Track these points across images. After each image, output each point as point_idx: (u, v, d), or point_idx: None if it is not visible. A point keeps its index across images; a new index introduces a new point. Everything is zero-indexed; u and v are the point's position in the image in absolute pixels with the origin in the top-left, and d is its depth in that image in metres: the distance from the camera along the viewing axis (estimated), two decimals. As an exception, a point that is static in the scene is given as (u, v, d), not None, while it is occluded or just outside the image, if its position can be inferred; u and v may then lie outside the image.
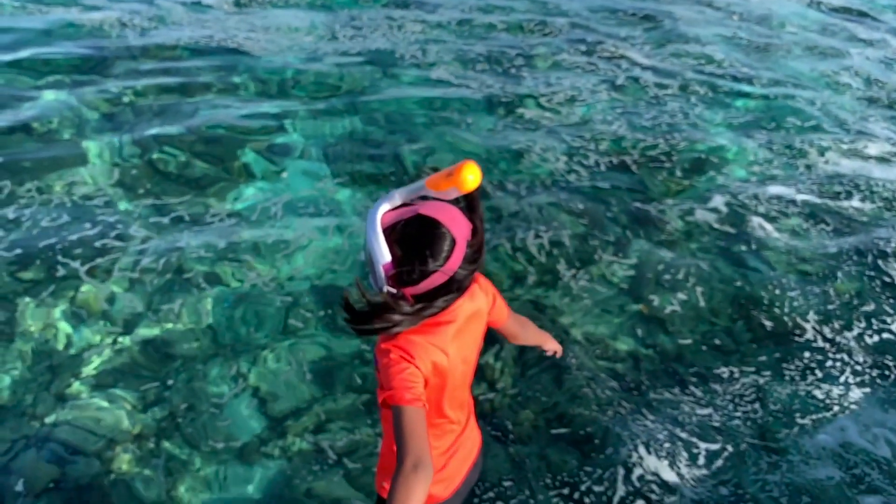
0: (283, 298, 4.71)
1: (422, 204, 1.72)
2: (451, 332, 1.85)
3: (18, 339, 4.36)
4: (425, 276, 1.68)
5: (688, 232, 5.53)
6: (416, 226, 1.67)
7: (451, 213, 1.71)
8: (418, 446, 1.62)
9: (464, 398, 2.09)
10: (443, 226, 1.68)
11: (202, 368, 4.23)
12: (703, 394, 4.22)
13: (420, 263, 1.66)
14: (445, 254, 1.67)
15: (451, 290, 1.72)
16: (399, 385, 1.71)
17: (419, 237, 1.66)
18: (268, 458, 3.77)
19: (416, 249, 1.66)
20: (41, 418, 3.89)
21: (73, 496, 3.54)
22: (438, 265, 1.67)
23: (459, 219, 1.72)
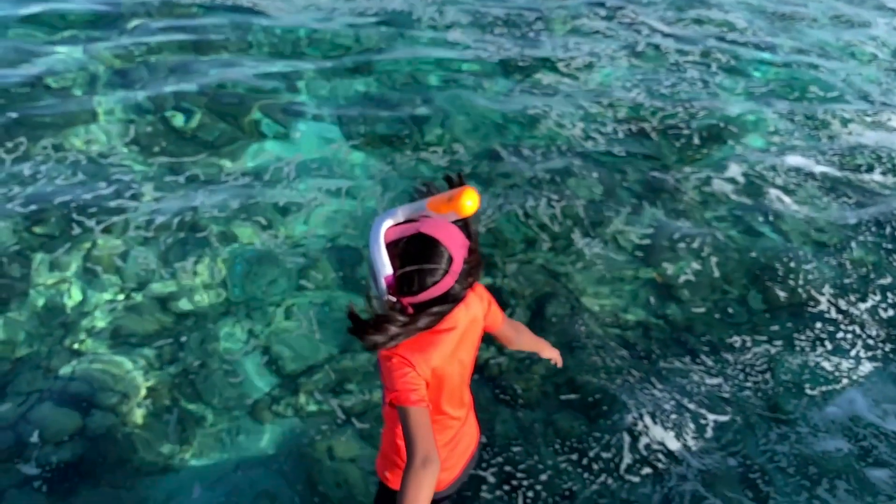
0: (295, 259, 4.68)
1: (423, 222, 1.82)
2: (453, 339, 1.98)
3: (33, 294, 4.37)
4: (424, 289, 1.81)
5: (704, 201, 5.43)
6: (417, 243, 1.79)
7: (450, 232, 1.82)
8: (426, 444, 1.76)
9: (463, 396, 2.20)
10: (442, 245, 1.80)
11: (215, 326, 4.24)
12: (713, 363, 4.17)
13: (419, 278, 1.79)
14: (443, 270, 1.80)
15: (447, 301, 1.85)
16: (403, 387, 1.84)
17: (419, 254, 1.78)
18: (279, 416, 3.78)
19: (417, 265, 1.78)
20: (56, 372, 3.91)
21: (88, 449, 3.57)
22: (436, 280, 1.80)
23: (458, 237, 1.84)
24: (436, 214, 1.81)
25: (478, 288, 2.15)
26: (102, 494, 3.40)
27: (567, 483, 3.45)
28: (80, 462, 3.52)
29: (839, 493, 3.43)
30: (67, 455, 3.54)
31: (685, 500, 3.38)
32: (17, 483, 3.41)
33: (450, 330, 1.96)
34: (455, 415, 2.16)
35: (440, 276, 1.80)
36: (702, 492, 3.40)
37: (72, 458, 3.53)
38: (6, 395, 3.77)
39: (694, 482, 3.44)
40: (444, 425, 2.14)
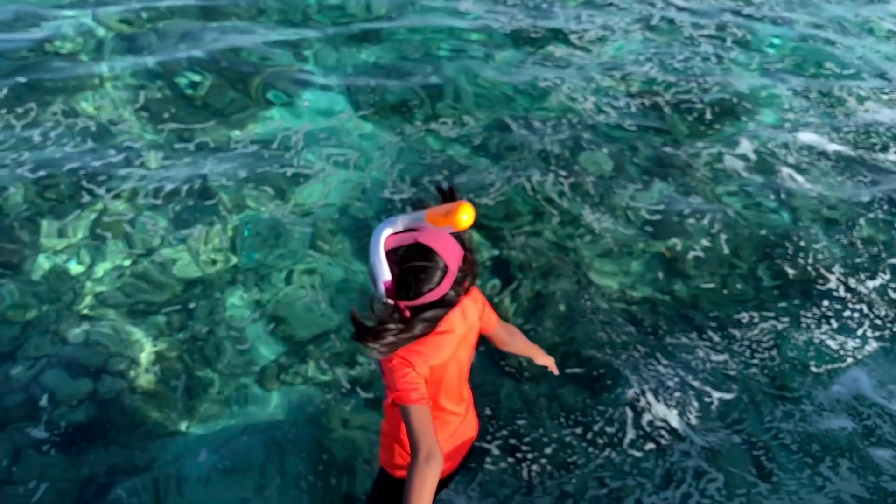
0: (304, 227, 4.65)
1: (421, 232, 1.92)
2: (450, 340, 2.09)
3: (42, 259, 4.35)
4: (420, 294, 1.90)
5: (715, 177, 5.34)
6: (415, 252, 1.89)
7: (446, 242, 1.92)
8: (428, 440, 1.89)
9: (462, 392, 2.30)
10: (438, 254, 1.90)
11: (222, 294, 4.22)
12: (720, 339, 4.13)
13: (416, 284, 1.89)
14: (438, 278, 1.90)
15: (442, 306, 1.95)
16: (404, 387, 1.96)
17: (417, 262, 1.89)
18: (286, 383, 3.78)
19: (414, 273, 1.89)
20: (65, 337, 3.90)
21: (98, 412, 3.59)
22: (431, 287, 1.90)
23: (453, 247, 1.94)
24: (433, 227, 1.89)
25: (473, 291, 2.23)
26: (113, 455, 3.42)
27: (571, 457, 3.44)
28: (90, 425, 3.54)
29: (842, 471, 3.41)
30: (78, 418, 3.55)
31: (688, 475, 3.37)
32: (28, 445, 3.43)
33: (447, 332, 2.08)
34: (454, 410, 2.27)
35: (436, 283, 1.90)
36: (704, 467, 3.39)
37: (82, 421, 3.54)
38: (16, 359, 3.78)
39: (697, 459, 3.43)
40: (444, 420, 2.24)
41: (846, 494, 3.28)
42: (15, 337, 3.92)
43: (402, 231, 1.94)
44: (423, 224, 1.90)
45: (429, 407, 1.97)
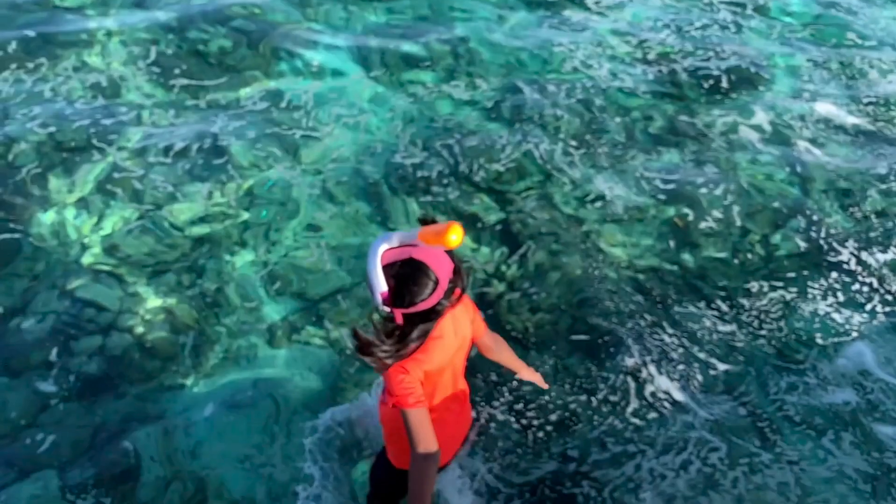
0: (313, 188, 4.57)
1: (414, 248, 2.06)
2: (442, 346, 2.23)
3: (52, 214, 4.30)
4: (413, 304, 2.05)
5: (729, 147, 5.19)
6: (409, 267, 2.04)
7: (437, 258, 2.06)
8: (426, 439, 2.13)
9: (456, 392, 2.45)
10: (430, 269, 2.04)
11: (231, 251, 4.17)
12: (728, 309, 4.04)
13: (410, 295, 2.04)
14: (430, 290, 2.04)
15: (433, 314, 2.10)
16: (402, 392, 2.14)
17: (411, 276, 2.03)
18: (293, 341, 3.75)
19: (408, 285, 2.03)
20: (73, 292, 3.87)
21: (107, 367, 3.58)
22: (424, 298, 2.04)
23: (445, 262, 2.08)
24: (425, 244, 2.04)
25: (465, 300, 2.38)
26: (124, 405, 3.44)
27: (575, 423, 3.40)
28: (102, 377, 3.54)
29: (844, 445, 3.36)
30: (90, 370, 3.56)
31: (689, 443, 3.33)
32: (42, 395, 3.45)
33: (439, 338, 2.21)
34: (449, 408, 2.42)
35: (428, 295, 2.05)
36: (707, 437, 3.35)
37: (94, 373, 3.55)
38: (25, 313, 3.76)
39: (700, 429, 3.38)
40: (440, 418, 2.34)
41: (849, 469, 3.23)
42: (24, 290, 3.90)
43: (398, 247, 2.09)
44: (416, 241, 2.06)
45: (426, 409, 2.18)
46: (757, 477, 3.15)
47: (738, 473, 3.17)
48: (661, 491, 3.14)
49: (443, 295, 2.07)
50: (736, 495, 3.08)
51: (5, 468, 3.18)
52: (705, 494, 3.08)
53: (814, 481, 3.16)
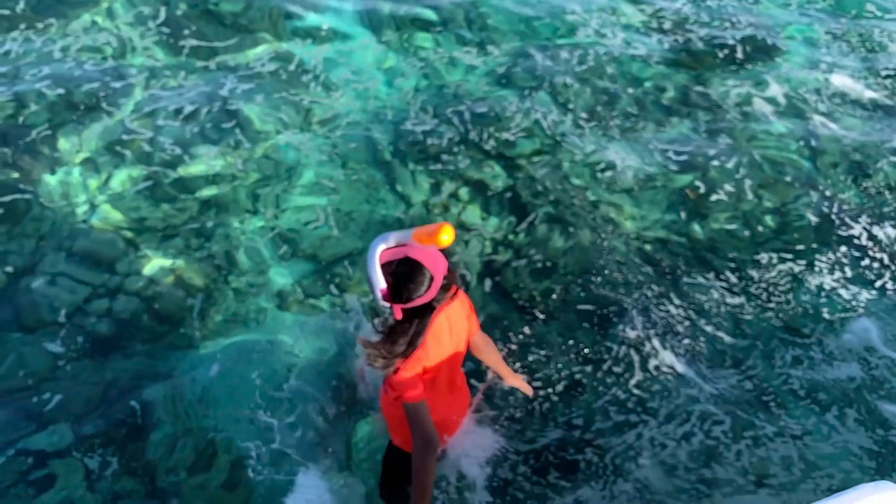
0: (322, 154, 4.48)
1: (410, 248, 2.19)
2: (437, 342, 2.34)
3: (60, 174, 4.24)
4: (410, 299, 2.18)
5: (743, 119, 5.04)
6: (406, 265, 2.17)
7: (432, 256, 2.20)
8: (426, 429, 2.31)
9: (455, 382, 2.57)
10: (425, 267, 2.17)
11: (240, 214, 4.10)
12: (737, 280, 3.95)
13: (407, 291, 2.17)
14: (426, 287, 2.18)
15: (428, 311, 2.23)
16: (402, 388, 2.28)
17: (407, 274, 2.17)
18: (300, 304, 3.71)
19: (405, 282, 2.17)
20: (80, 254, 3.83)
21: (116, 327, 3.56)
22: (420, 294, 2.18)
23: (439, 260, 2.21)
24: (419, 244, 2.18)
25: (462, 296, 2.47)
26: (134, 364, 3.43)
27: (581, 394, 3.35)
28: (110, 338, 3.52)
29: (849, 422, 3.29)
30: (99, 330, 3.54)
31: (693, 416, 3.28)
32: (51, 354, 3.43)
33: (436, 335, 2.33)
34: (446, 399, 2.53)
35: (424, 291, 2.18)
36: (711, 409, 3.29)
37: (102, 334, 3.53)
38: (34, 274, 3.73)
39: (705, 403, 3.32)
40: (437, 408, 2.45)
41: (853, 445, 3.17)
42: (31, 252, 3.85)
43: (395, 247, 2.22)
44: (411, 241, 2.19)
45: (425, 402, 2.31)
46: (761, 451, 3.10)
47: (741, 447, 3.12)
48: (662, 460, 3.10)
49: (438, 290, 2.20)
50: (739, 468, 3.04)
51: (23, 420, 3.21)
52: (708, 467, 3.04)
53: (818, 457, 3.11)
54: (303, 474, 3.03)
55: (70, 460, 3.09)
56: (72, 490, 3.01)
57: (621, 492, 3.02)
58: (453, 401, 2.60)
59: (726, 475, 3.02)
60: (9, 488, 3.00)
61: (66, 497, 2.99)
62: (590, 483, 3.04)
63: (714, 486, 2.99)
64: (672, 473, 3.07)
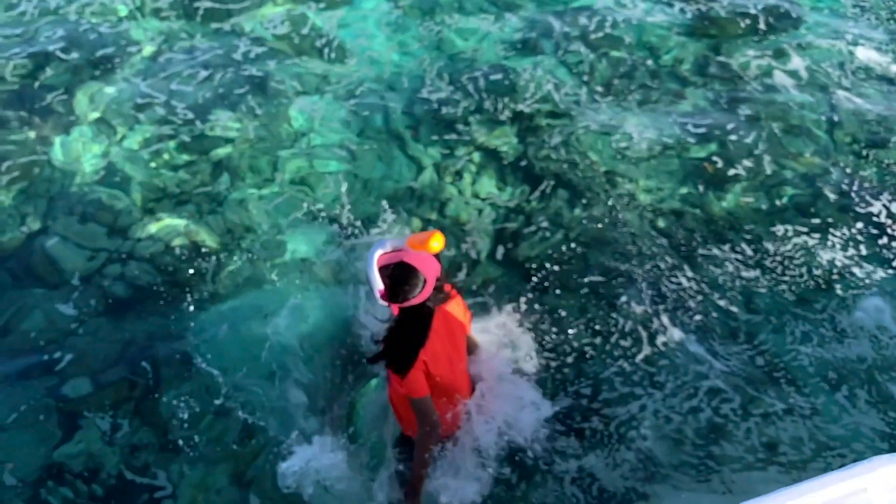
0: (336, 121, 4.34)
1: (405, 253, 2.37)
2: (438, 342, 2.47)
3: (74, 134, 4.14)
4: (406, 300, 2.33)
5: (763, 92, 4.80)
6: (401, 269, 2.34)
7: (425, 261, 2.36)
8: (430, 418, 2.49)
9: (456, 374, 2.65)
10: (419, 270, 2.33)
11: (253, 179, 4.01)
12: (752, 253, 3.79)
13: (402, 293, 2.34)
14: (419, 288, 2.34)
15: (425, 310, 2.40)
16: (407, 387, 2.44)
17: (402, 276, 2.33)
18: (313, 268, 3.64)
19: (400, 284, 2.33)
20: (93, 215, 3.77)
21: (132, 291, 3.52)
22: (415, 294, 2.33)
23: (432, 264, 2.38)
24: (412, 250, 2.36)
25: (458, 299, 2.63)
26: (150, 324, 3.41)
27: (590, 366, 3.26)
28: (123, 299, 3.49)
29: (859, 403, 3.16)
30: (112, 292, 3.50)
31: (700, 391, 3.18)
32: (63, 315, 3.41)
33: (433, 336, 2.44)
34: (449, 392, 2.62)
35: (418, 292, 2.33)
36: (720, 385, 3.18)
37: (116, 296, 3.49)
38: (48, 234, 3.68)
39: (714, 378, 3.21)
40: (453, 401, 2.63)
41: (865, 427, 3.04)
42: (43, 214, 3.79)
43: (391, 252, 2.39)
44: (405, 247, 2.38)
45: (429, 396, 2.46)
46: (770, 429, 2.99)
47: (750, 424, 3.02)
48: (670, 434, 3.02)
49: (431, 292, 2.35)
50: (749, 445, 2.94)
51: (43, 373, 3.25)
52: (717, 444, 2.95)
53: (829, 437, 3.00)
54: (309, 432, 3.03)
55: (88, 414, 3.12)
56: (90, 443, 3.04)
57: (624, 460, 2.96)
58: (455, 392, 2.69)
59: (735, 452, 2.94)
60: (30, 440, 3.03)
61: (84, 449, 3.03)
62: (597, 451, 2.98)
63: (723, 462, 2.90)
64: (679, 447, 2.99)
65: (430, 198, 3.99)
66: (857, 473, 1.75)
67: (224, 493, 2.89)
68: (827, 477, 1.74)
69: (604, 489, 2.84)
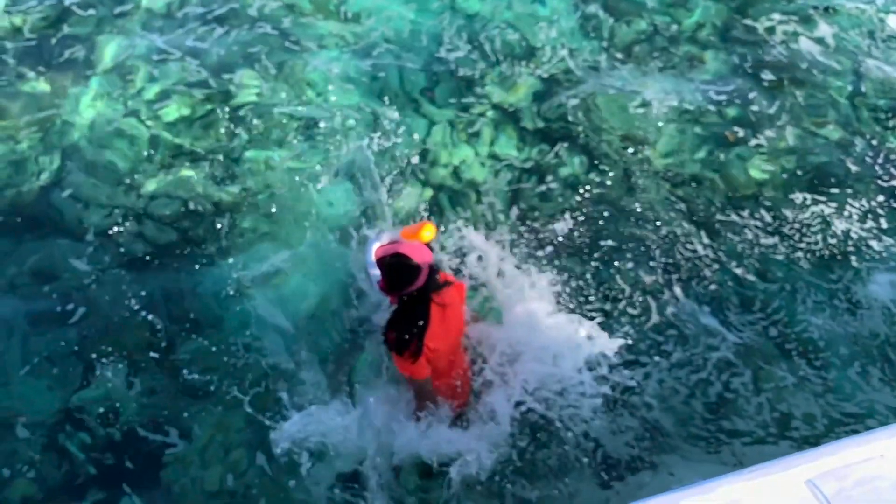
0: (352, 80, 4.16)
1: (399, 244, 2.49)
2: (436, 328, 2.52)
3: (92, 85, 3.99)
4: (403, 287, 2.43)
5: (788, 58, 4.53)
6: (395, 258, 2.44)
7: (418, 250, 2.47)
8: (429, 399, 2.66)
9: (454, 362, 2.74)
10: (413, 260, 2.43)
11: (269, 137, 3.86)
12: (771, 220, 3.64)
13: (399, 282, 2.44)
14: (414, 276, 2.43)
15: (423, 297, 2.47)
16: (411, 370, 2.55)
17: (397, 265, 2.44)
18: (325, 223, 3.55)
19: (396, 273, 2.44)
20: (109, 168, 3.67)
21: (149, 246, 3.46)
22: (411, 282, 2.42)
23: (425, 253, 2.48)
24: (406, 241, 2.49)
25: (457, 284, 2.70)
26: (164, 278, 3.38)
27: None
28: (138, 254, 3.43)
29: (873, 381, 3.03)
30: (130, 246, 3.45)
31: (710, 364, 3.06)
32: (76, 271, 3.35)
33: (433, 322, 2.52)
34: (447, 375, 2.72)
35: (414, 279, 2.42)
36: (731, 359, 3.06)
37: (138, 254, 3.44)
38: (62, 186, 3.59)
39: (724, 350, 3.08)
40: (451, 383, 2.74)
41: (879, 405, 2.92)
42: (58, 169, 3.69)
43: (387, 244, 2.51)
44: (400, 239, 2.51)
45: (430, 377, 2.59)
46: (783, 405, 2.88)
47: (762, 399, 2.91)
48: (675, 406, 2.92)
49: (426, 278, 2.44)
50: (760, 421, 2.84)
51: (63, 321, 3.22)
52: (728, 418, 2.85)
53: (842, 413, 2.88)
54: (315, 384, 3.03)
55: (106, 361, 3.10)
56: (108, 388, 3.04)
57: (630, 427, 2.90)
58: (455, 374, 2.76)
59: (746, 426, 2.84)
60: (47, 386, 3.02)
61: (102, 394, 3.03)
62: (608, 419, 2.91)
63: (733, 436, 2.81)
64: (690, 419, 2.90)
65: (445, 157, 3.86)
66: (876, 439, 1.69)
67: (242, 433, 2.88)
68: (844, 441, 1.69)
69: (613, 457, 2.79)
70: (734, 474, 1.65)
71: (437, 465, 2.70)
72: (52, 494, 2.79)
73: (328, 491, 2.74)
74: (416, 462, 2.74)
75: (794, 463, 1.64)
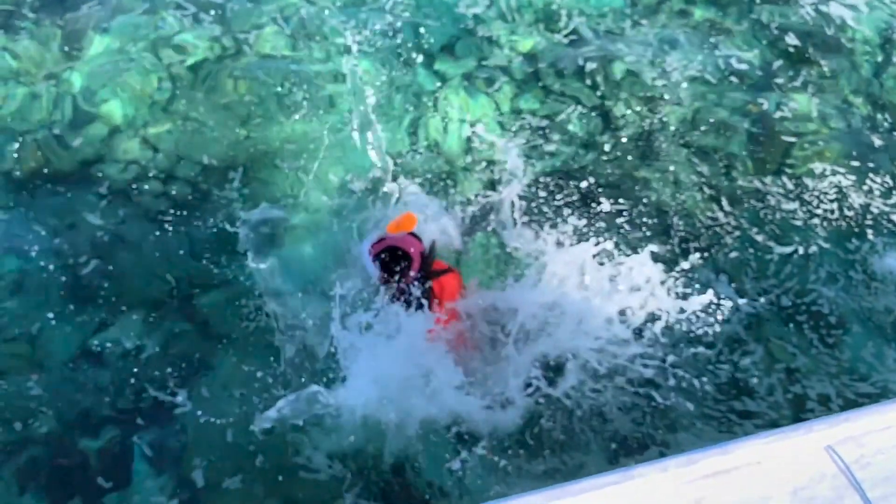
0: (378, 27, 3.89)
1: (388, 238, 2.68)
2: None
3: (116, 27, 3.76)
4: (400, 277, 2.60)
5: (816, 22, 4.14)
6: (388, 252, 2.65)
7: (406, 240, 2.67)
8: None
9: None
10: (403, 249, 2.63)
11: (290, 97, 3.63)
12: (793, 187, 3.43)
13: (395, 272, 2.61)
14: (408, 266, 2.62)
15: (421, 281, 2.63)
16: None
17: (392, 258, 2.63)
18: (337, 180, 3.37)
19: (390, 265, 2.63)
20: (137, 133, 3.46)
21: (174, 205, 3.30)
22: (406, 269, 2.60)
23: (415, 243, 2.68)
24: (393, 234, 2.66)
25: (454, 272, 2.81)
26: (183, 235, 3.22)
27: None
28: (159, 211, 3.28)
29: (888, 361, 2.83)
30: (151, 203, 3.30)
31: (719, 340, 2.85)
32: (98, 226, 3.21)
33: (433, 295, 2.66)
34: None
35: (407, 267, 2.60)
36: (741, 335, 2.87)
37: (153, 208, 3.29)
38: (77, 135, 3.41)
39: (735, 326, 2.87)
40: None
41: (894, 385, 2.74)
42: (71, 120, 3.49)
43: (378, 241, 2.68)
44: (387, 234, 2.67)
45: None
46: (796, 387, 2.71)
47: (773, 381, 2.74)
48: (689, 387, 2.74)
49: (419, 267, 2.61)
50: (772, 402, 2.67)
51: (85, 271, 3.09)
52: (739, 399, 2.68)
53: (857, 395, 2.71)
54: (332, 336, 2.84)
55: (126, 309, 2.99)
56: (129, 330, 2.93)
57: (640, 404, 2.74)
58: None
59: (759, 407, 2.68)
60: (72, 324, 2.93)
61: (122, 335, 2.92)
62: (619, 394, 2.74)
63: (745, 417, 2.65)
64: (703, 400, 2.73)
65: (461, 114, 3.65)
66: None
67: (261, 378, 2.77)
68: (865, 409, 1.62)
69: (621, 433, 2.65)
70: (754, 436, 1.59)
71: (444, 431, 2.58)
72: (68, 431, 2.72)
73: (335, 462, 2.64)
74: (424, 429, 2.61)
75: (815, 428, 1.58)
